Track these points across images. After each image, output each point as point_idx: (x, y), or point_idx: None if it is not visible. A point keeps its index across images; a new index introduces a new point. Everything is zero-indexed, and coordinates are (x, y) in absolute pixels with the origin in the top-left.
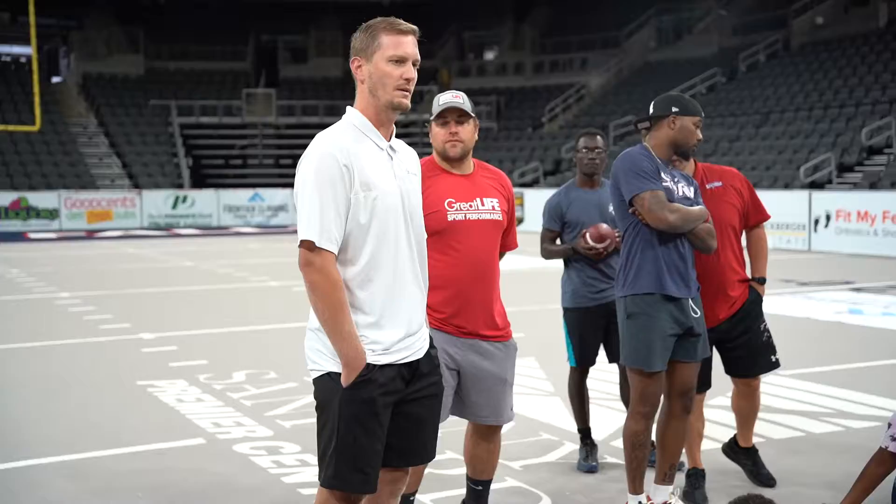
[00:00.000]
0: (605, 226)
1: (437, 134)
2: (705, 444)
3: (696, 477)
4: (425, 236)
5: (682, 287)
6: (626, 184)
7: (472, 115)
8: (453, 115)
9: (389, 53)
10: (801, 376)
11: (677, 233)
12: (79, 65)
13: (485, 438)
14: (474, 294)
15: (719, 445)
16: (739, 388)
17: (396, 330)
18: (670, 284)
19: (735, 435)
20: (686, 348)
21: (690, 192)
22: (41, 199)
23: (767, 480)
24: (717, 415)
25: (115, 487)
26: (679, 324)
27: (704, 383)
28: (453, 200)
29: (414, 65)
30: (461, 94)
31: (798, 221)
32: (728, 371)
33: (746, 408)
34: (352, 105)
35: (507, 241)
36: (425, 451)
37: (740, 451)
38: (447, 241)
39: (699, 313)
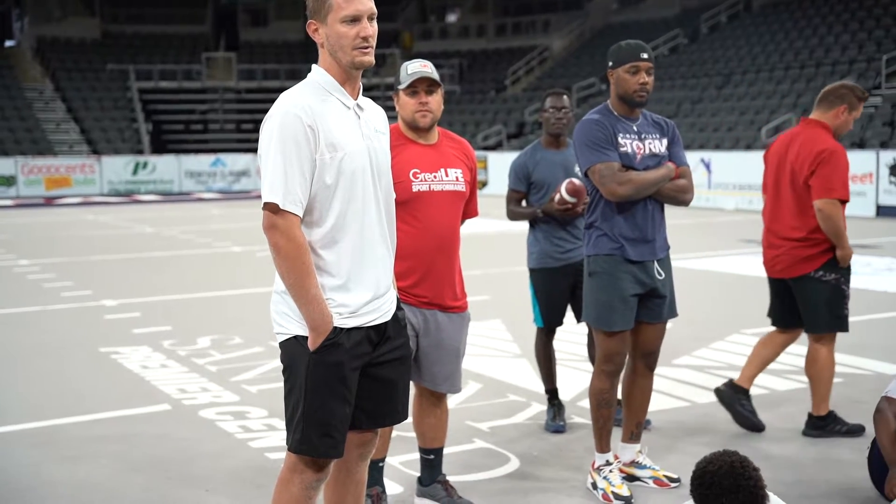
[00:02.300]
0: (579, 181)
1: (407, 104)
2: (670, 403)
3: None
4: (394, 196)
5: (644, 251)
6: (581, 156)
7: (441, 83)
8: (423, 84)
9: (342, 14)
10: (763, 335)
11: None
12: (32, 28)
13: (435, 406)
14: (436, 265)
15: (685, 405)
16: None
17: (364, 292)
18: (630, 251)
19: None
20: (650, 309)
21: (661, 146)
22: None
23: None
24: (683, 374)
25: (80, 455)
26: (642, 284)
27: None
28: (418, 171)
29: (370, 19)
30: (428, 62)
31: (759, 182)
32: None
33: (771, 355)
34: (316, 65)
35: (468, 209)
36: (396, 413)
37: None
38: (411, 211)
39: (664, 275)
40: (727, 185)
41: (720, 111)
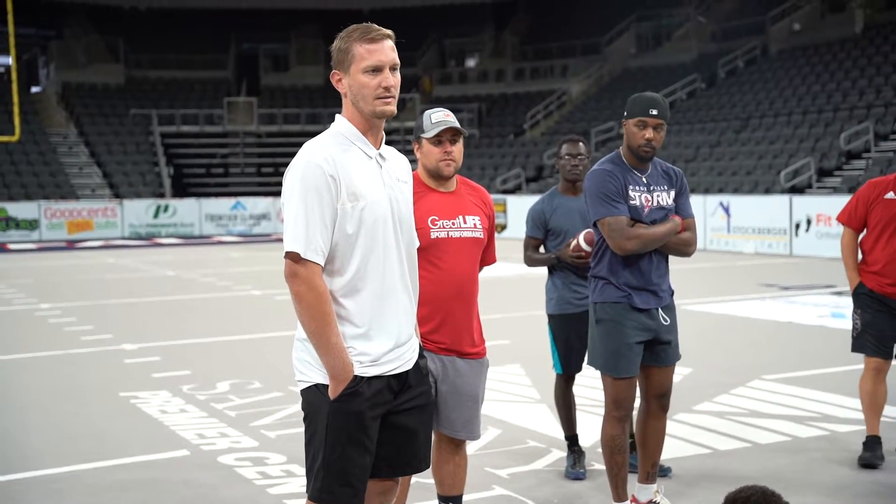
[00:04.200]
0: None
1: (431, 152)
2: (691, 450)
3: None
4: (416, 244)
5: (650, 299)
6: (591, 206)
7: (463, 132)
8: (448, 134)
9: (364, 64)
10: (784, 380)
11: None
12: (58, 74)
13: (454, 453)
14: (454, 311)
15: (706, 451)
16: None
17: (385, 341)
18: (636, 299)
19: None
20: (657, 353)
21: (669, 199)
22: (21, 209)
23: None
24: (704, 420)
25: (99, 501)
26: (648, 330)
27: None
28: (436, 218)
29: (393, 69)
30: (450, 112)
31: (779, 226)
32: None
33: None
34: (338, 112)
35: (486, 257)
36: (416, 461)
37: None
38: (429, 258)
39: (669, 321)
40: (746, 229)
41: (738, 155)
